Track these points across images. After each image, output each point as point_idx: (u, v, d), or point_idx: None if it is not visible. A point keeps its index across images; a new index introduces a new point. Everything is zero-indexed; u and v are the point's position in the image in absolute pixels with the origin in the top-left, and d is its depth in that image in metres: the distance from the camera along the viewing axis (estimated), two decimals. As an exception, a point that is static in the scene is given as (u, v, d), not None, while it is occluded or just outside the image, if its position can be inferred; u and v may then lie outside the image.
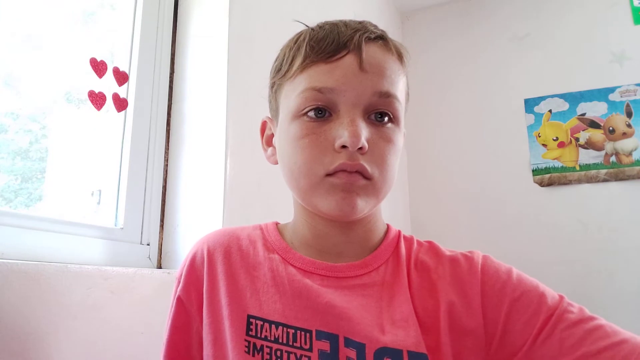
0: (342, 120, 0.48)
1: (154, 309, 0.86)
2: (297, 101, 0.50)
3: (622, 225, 1.97)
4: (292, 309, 0.51)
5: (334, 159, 0.48)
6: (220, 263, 0.56)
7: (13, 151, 0.90)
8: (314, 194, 0.50)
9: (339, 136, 0.48)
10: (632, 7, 2.10)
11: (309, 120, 0.50)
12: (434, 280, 0.53)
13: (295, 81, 0.52)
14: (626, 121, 2.05)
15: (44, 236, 0.81)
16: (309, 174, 0.49)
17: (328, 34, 0.51)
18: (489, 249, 2.04)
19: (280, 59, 0.55)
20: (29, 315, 0.68)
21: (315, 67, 0.50)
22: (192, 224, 1.06)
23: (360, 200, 0.49)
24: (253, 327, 0.51)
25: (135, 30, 1.10)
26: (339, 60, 0.49)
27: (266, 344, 0.49)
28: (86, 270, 0.77)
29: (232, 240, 0.58)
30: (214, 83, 1.12)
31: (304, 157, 0.49)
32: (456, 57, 2.37)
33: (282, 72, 0.54)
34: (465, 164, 2.28)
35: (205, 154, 1.09)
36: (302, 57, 0.51)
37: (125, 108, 1.04)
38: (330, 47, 0.50)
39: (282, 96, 0.54)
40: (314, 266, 0.54)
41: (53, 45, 0.98)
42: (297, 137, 0.50)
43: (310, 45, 0.51)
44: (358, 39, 0.50)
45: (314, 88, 0.49)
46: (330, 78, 0.49)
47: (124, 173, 1.01)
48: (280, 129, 0.54)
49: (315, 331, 0.49)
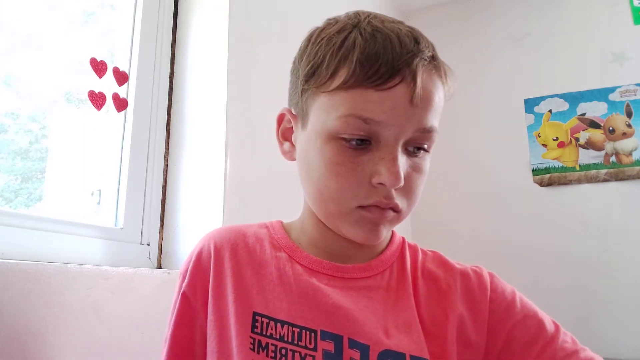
0: (383, 155, 0.46)
1: (154, 309, 0.86)
2: (338, 124, 0.46)
3: (622, 225, 1.97)
4: (298, 308, 0.51)
5: (369, 194, 0.47)
6: (227, 259, 0.55)
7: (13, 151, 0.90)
8: (341, 221, 0.50)
9: (378, 172, 0.46)
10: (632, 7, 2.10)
11: (347, 146, 0.47)
12: (444, 290, 0.54)
13: (335, 97, 0.47)
14: (626, 121, 2.05)
15: (44, 236, 0.81)
16: (341, 202, 0.48)
17: (381, 53, 0.45)
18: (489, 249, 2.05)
19: (318, 60, 0.49)
20: (29, 315, 0.68)
21: (363, 91, 0.45)
22: (192, 224, 1.06)
23: (385, 230, 0.50)
24: (259, 325, 0.50)
25: (135, 30, 1.09)
26: (391, 90, 0.45)
27: (271, 341, 0.49)
28: (86, 270, 0.77)
29: (239, 237, 0.58)
30: (214, 83, 1.12)
31: (338, 184, 0.48)
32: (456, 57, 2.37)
33: (319, 80, 0.48)
34: (465, 164, 2.28)
35: (205, 154, 1.09)
36: (349, 73, 0.45)
37: (125, 108, 1.04)
38: (384, 71, 0.44)
39: (316, 106, 0.49)
40: (320, 265, 0.54)
41: (53, 45, 0.98)
42: (332, 161, 0.48)
43: (361, 63, 0.45)
44: (414, 67, 0.45)
45: (360, 117, 0.45)
46: (379, 108, 0.45)
47: (124, 173, 1.01)
48: (309, 139, 0.51)
49: (320, 331, 0.49)
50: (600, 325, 1.88)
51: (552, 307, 0.52)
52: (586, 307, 1.93)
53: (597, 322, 1.89)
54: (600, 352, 0.53)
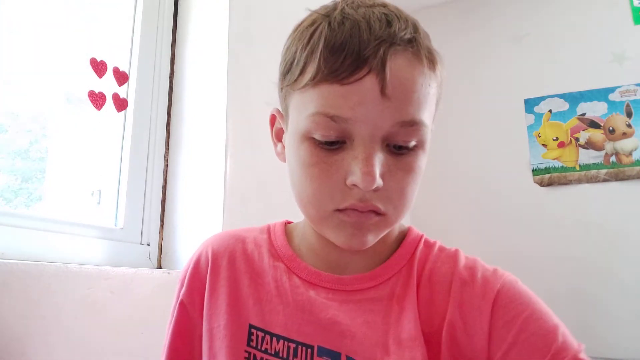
0: (356, 154, 0.42)
1: (154, 309, 0.86)
2: (307, 123, 0.43)
3: (622, 225, 1.97)
4: (295, 322, 0.48)
5: (344, 197, 0.43)
6: (224, 267, 0.54)
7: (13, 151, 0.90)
8: (323, 226, 0.47)
9: (352, 173, 0.42)
10: (632, 7, 2.10)
11: (320, 147, 0.44)
12: (444, 296, 0.48)
13: (305, 95, 0.44)
14: (626, 121, 2.05)
15: (44, 236, 0.81)
16: (318, 206, 0.45)
17: (347, 42, 0.41)
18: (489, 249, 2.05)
19: (290, 58, 0.46)
20: (29, 315, 0.68)
21: (329, 86, 0.41)
22: (192, 224, 1.06)
23: (371, 235, 0.45)
24: (254, 338, 0.48)
25: (135, 30, 1.10)
26: (357, 83, 0.41)
27: (266, 357, 0.47)
28: (86, 270, 0.77)
29: (238, 244, 0.56)
30: (214, 83, 1.12)
31: (313, 187, 0.44)
32: (456, 57, 2.37)
33: (291, 77, 0.45)
34: (465, 164, 2.28)
35: (205, 154, 1.09)
36: (315, 69, 0.42)
37: (125, 108, 1.04)
38: (348, 63, 0.40)
39: (292, 106, 0.46)
40: (319, 278, 0.51)
41: (53, 45, 0.98)
42: (306, 163, 0.45)
43: (324, 56, 0.41)
44: (382, 54, 0.40)
45: (326, 114, 0.42)
46: (345, 104, 0.41)
47: (124, 173, 1.01)
48: (289, 139, 0.48)
49: (317, 347, 0.47)
50: (600, 326, 1.88)
51: (551, 307, 0.50)
52: (586, 307, 1.93)
53: (597, 322, 1.89)
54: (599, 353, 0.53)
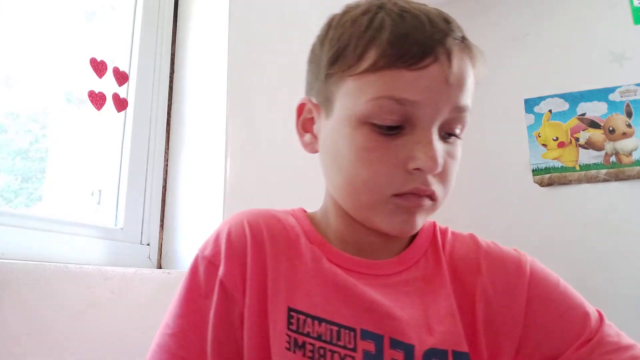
0: (419, 139, 0.43)
1: (154, 309, 0.86)
2: (369, 107, 0.44)
3: (622, 225, 1.97)
4: (335, 304, 0.47)
5: (406, 181, 0.44)
6: (267, 244, 0.49)
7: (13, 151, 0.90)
8: (375, 212, 0.46)
9: (415, 157, 0.43)
10: (632, 7, 2.10)
11: (378, 131, 0.44)
12: (473, 275, 0.50)
13: (364, 80, 0.44)
14: (626, 121, 2.05)
15: (44, 236, 0.81)
16: (375, 191, 0.45)
17: (412, 31, 0.43)
18: (489, 249, 1.99)
19: (343, 43, 0.46)
20: (29, 315, 0.68)
21: (396, 72, 0.43)
22: (192, 224, 1.06)
23: (420, 220, 0.47)
24: (294, 321, 0.45)
25: (135, 30, 1.10)
26: (425, 69, 0.42)
27: (309, 340, 0.45)
28: (86, 270, 0.77)
29: (274, 221, 0.52)
30: (214, 83, 1.12)
31: (372, 172, 0.44)
32: (456, 57, 2.38)
33: (346, 62, 0.45)
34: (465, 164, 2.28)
35: (205, 154, 1.09)
36: (378, 54, 0.43)
37: (125, 108, 1.04)
38: (417, 50, 0.42)
39: (343, 92, 0.46)
40: (352, 263, 0.50)
41: (53, 45, 0.98)
42: (363, 148, 0.45)
43: (391, 43, 0.42)
44: (448, 45, 0.43)
45: (392, 97, 0.43)
46: (414, 88, 0.42)
47: (124, 173, 1.01)
48: (335, 127, 0.48)
49: (360, 330, 0.45)
50: (600, 325, 1.88)
51: None
52: (586, 307, 1.93)
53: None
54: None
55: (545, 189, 2.13)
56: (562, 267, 2.27)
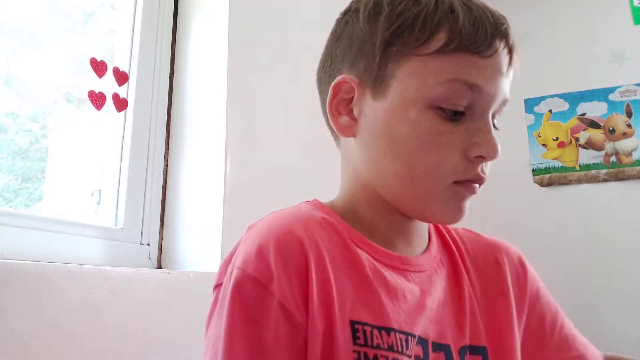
0: (479, 127, 0.44)
1: (154, 309, 0.86)
2: (440, 90, 0.43)
3: (622, 225, 1.97)
4: (395, 311, 0.43)
5: (467, 169, 0.45)
6: (327, 254, 0.43)
7: (13, 151, 0.90)
8: (433, 199, 0.46)
9: (477, 144, 0.44)
10: (632, 7, 2.10)
11: (445, 117, 0.44)
12: (494, 266, 0.54)
13: (433, 62, 0.43)
14: (626, 121, 2.05)
15: (44, 236, 0.81)
16: (437, 177, 0.44)
17: (482, 19, 0.43)
18: (489, 249, 1.98)
19: (409, 19, 0.44)
20: (29, 315, 0.68)
21: (469, 56, 0.43)
22: (192, 224, 1.06)
23: (467, 207, 0.48)
24: (360, 335, 0.41)
25: (135, 30, 1.09)
26: (493, 57, 0.44)
27: (380, 352, 0.41)
28: (86, 270, 0.77)
29: (322, 226, 0.46)
30: (214, 83, 1.12)
31: (439, 158, 0.44)
32: (456, 57, 2.38)
33: (413, 39, 0.44)
34: (465, 164, 2.29)
35: (205, 154, 1.09)
36: (452, 35, 0.42)
37: (125, 108, 1.04)
38: (486, 37, 0.43)
39: (406, 71, 0.44)
40: (399, 261, 0.47)
41: (53, 45, 0.98)
42: (432, 132, 0.44)
43: (466, 27, 0.42)
44: (512, 37, 0.45)
45: (466, 82, 0.43)
46: (483, 75, 0.43)
47: (124, 173, 1.01)
48: (393, 108, 0.45)
49: (418, 336, 0.43)
50: (600, 325, 1.88)
51: None
52: (586, 307, 1.93)
53: (597, 322, 1.89)
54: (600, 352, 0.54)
55: (545, 189, 2.13)
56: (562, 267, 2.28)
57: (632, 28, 2.10)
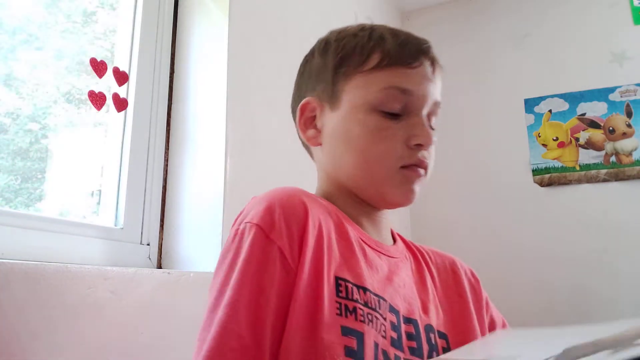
0: (415, 122, 0.55)
1: (154, 309, 0.86)
2: (378, 96, 0.55)
3: (622, 225, 1.97)
4: (370, 276, 0.52)
5: (410, 155, 0.55)
6: (322, 218, 0.52)
7: (13, 151, 0.90)
8: (386, 183, 0.56)
9: (415, 135, 0.55)
10: (632, 7, 2.10)
11: (385, 116, 0.55)
12: (454, 275, 0.64)
13: (371, 76, 0.56)
14: (626, 121, 2.05)
15: (44, 236, 0.81)
16: (386, 164, 0.55)
17: (408, 41, 0.57)
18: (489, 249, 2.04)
19: (350, 49, 0.58)
20: (29, 315, 0.68)
21: (398, 69, 0.55)
22: (192, 224, 1.06)
23: (417, 190, 0.57)
24: (343, 289, 0.48)
25: (135, 30, 1.09)
26: (418, 68, 0.56)
27: (359, 306, 0.48)
28: (86, 270, 0.77)
29: (317, 201, 0.54)
30: (214, 83, 1.12)
31: (385, 148, 0.55)
32: (456, 57, 2.37)
33: (354, 62, 0.57)
34: (465, 164, 2.28)
35: (205, 154, 1.09)
36: (383, 55, 0.56)
37: (125, 108, 1.04)
38: (413, 53, 0.56)
39: (351, 86, 0.57)
40: (375, 244, 0.57)
41: (53, 45, 0.98)
42: (377, 128, 0.55)
43: (395, 47, 0.56)
44: (432, 53, 0.58)
45: (398, 88, 0.55)
46: (412, 81, 0.55)
47: (124, 173, 1.01)
48: (346, 116, 0.57)
49: (389, 304, 0.52)
50: (600, 325, 1.88)
51: (552, 306, 0.53)
52: (586, 308, 1.93)
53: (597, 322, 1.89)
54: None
55: (545, 189, 2.13)
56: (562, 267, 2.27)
57: (632, 28, 2.10)
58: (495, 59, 2.33)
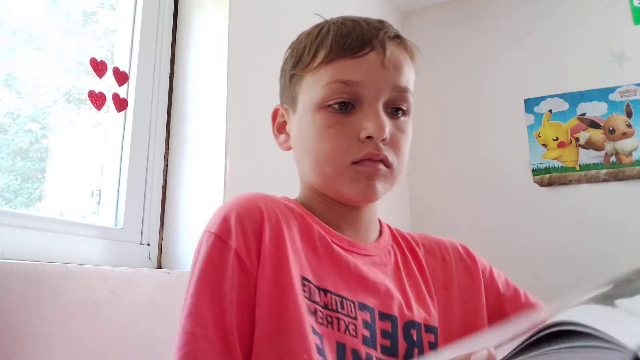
0: (367, 113, 0.52)
1: (154, 309, 0.86)
2: (323, 92, 0.53)
3: (622, 225, 1.97)
4: (334, 277, 0.51)
5: (360, 149, 0.52)
6: (283, 220, 0.52)
7: (13, 151, 0.90)
8: (339, 181, 0.54)
9: (365, 127, 0.52)
10: (632, 7, 2.10)
11: (333, 111, 0.53)
12: (443, 262, 0.63)
13: (318, 73, 0.54)
14: (626, 121, 2.05)
15: (44, 236, 0.81)
16: (336, 161, 0.53)
17: (352, 30, 0.54)
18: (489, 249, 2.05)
19: (300, 50, 0.57)
20: (29, 315, 0.68)
21: (341, 61, 0.53)
22: (192, 224, 1.06)
23: (380, 185, 0.54)
24: (307, 289, 0.49)
25: (135, 30, 1.09)
26: (364, 56, 0.53)
27: (318, 307, 0.49)
28: (86, 270, 0.77)
29: (280, 202, 0.55)
30: (214, 83, 1.12)
31: (331, 145, 0.53)
32: (456, 57, 2.37)
33: (303, 63, 0.56)
34: (465, 164, 2.28)
35: (205, 154, 1.09)
36: (327, 50, 0.54)
37: (125, 108, 1.04)
38: (356, 43, 0.53)
39: (303, 87, 0.56)
40: (347, 242, 0.56)
41: (53, 45, 0.98)
42: (323, 126, 0.53)
43: (336, 40, 0.53)
44: (382, 37, 0.54)
45: (340, 80, 0.53)
46: (356, 72, 0.52)
47: (124, 173, 1.01)
48: (300, 118, 0.57)
49: (357, 302, 0.51)
50: (600, 325, 1.88)
51: None
52: (586, 307, 1.93)
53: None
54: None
55: (545, 189, 2.13)
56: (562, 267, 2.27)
57: (632, 28, 2.10)
58: (495, 59, 2.32)
